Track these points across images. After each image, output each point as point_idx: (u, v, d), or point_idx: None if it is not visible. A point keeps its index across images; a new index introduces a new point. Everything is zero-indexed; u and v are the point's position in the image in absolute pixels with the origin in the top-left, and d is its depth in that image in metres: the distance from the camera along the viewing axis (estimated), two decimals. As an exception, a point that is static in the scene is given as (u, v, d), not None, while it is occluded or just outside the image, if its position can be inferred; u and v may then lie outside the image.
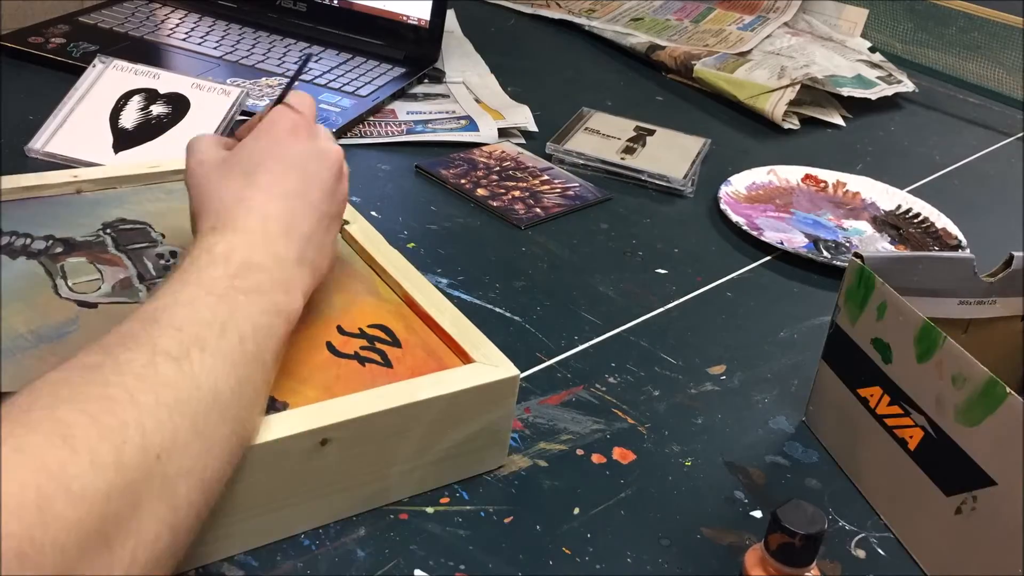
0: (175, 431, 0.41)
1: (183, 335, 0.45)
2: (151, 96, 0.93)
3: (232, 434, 0.46)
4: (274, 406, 0.54)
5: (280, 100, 0.61)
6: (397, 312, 0.64)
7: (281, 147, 0.57)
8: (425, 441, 0.56)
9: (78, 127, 0.89)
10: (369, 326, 0.62)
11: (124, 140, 0.88)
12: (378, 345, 0.60)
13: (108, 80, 0.93)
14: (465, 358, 0.59)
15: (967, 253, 0.81)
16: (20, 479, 0.35)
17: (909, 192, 1.05)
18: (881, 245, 0.95)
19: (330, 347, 0.59)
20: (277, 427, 0.51)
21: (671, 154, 1.05)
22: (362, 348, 0.60)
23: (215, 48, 1.12)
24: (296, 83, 0.63)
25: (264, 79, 1.06)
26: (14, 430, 0.37)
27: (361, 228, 0.71)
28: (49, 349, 0.56)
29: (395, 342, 0.61)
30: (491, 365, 0.58)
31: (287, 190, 0.55)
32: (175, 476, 0.41)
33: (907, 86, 1.34)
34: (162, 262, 0.65)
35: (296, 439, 0.51)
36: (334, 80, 1.08)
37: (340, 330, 0.61)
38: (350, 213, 0.73)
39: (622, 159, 1.02)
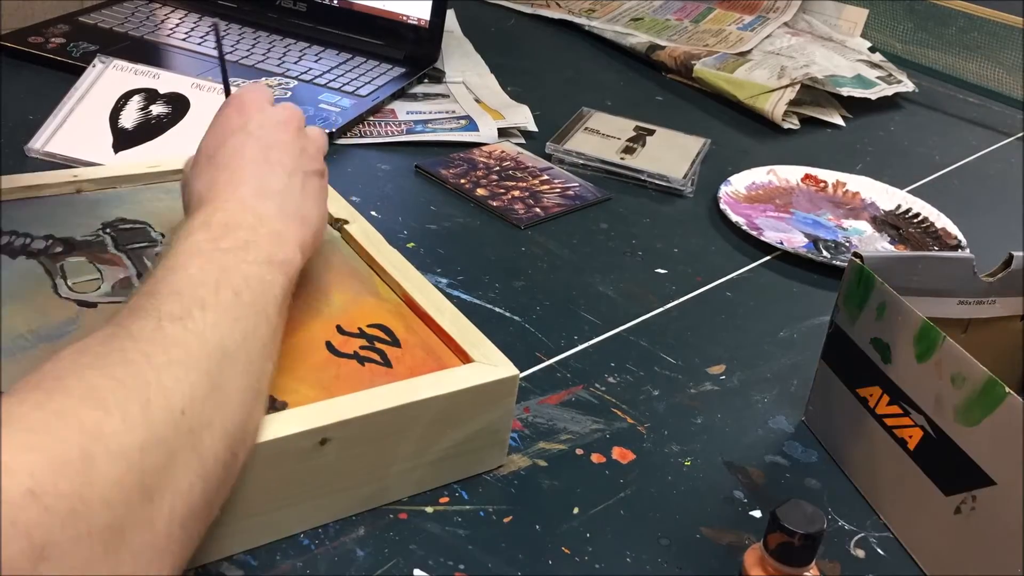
0: (192, 386, 0.44)
1: (182, 298, 0.47)
2: (151, 96, 0.93)
3: (247, 387, 0.48)
4: (273, 405, 0.54)
5: (227, 91, 0.64)
6: (397, 312, 0.64)
7: (230, 124, 0.61)
8: (424, 441, 0.56)
9: (78, 127, 0.89)
10: (369, 326, 0.62)
11: (124, 140, 0.88)
12: (377, 345, 0.60)
13: (108, 80, 0.93)
14: (464, 358, 0.59)
15: (967, 253, 0.81)
16: (63, 439, 0.37)
17: (909, 192, 1.05)
18: (881, 245, 0.95)
19: (329, 347, 0.59)
20: (276, 426, 0.51)
21: (671, 154, 1.05)
22: (362, 348, 0.60)
23: (215, 48, 1.12)
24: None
25: (264, 79, 1.06)
26: (51, 396, 0.39)
27: (361, 228, 0.71)
28: (49, 348, 0.56)
29: (394, 342, 0.61)
30: (490, 365, 0.58)
31: (247, 158, 0.58)
32: (199, 429, 0.43)
33: (907, 86, 1.34)
34: None
35: (295, 438, 0.51)
36: (334, 80, 1.08)
37: (340, 330, 0.61)
38: (349, 213, 0.73)
39: (622, 159, 1.02)
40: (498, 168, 0.98)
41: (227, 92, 0.63)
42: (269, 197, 0.57)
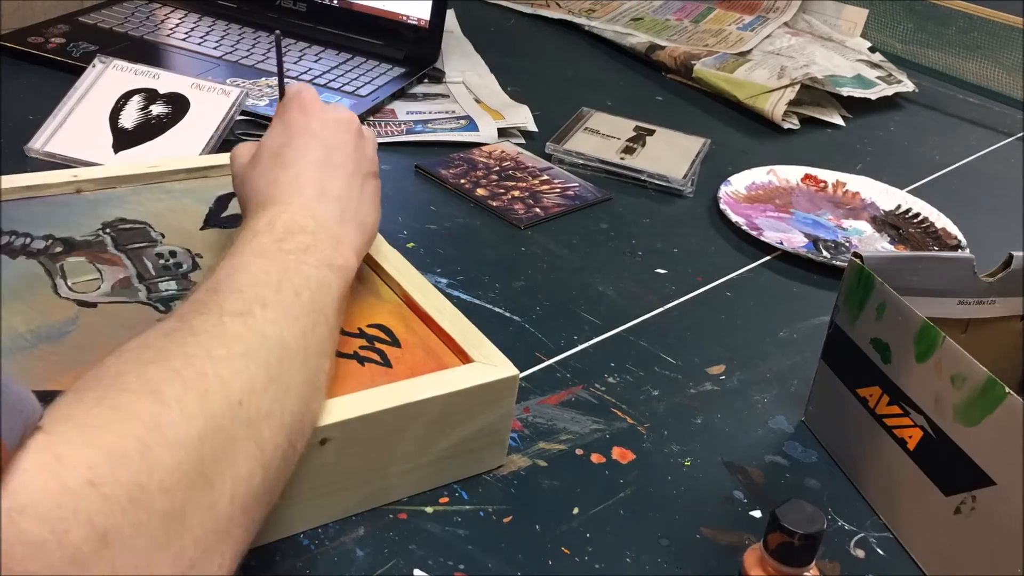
0: (252, 378, 0.45)
1: (244, 295, 0.49)
2: (151, 96, 0.93)
3: (305, 380, 0.49)
4: None
5: (282, 92, 0.65)
6: (397, 312, 0.64)
7: (297, 124, 0.61)
8: (424, 441, 0.56)
9: (78, 127, 0.89)
10: (368, 326, 0.62)
11: (124, 140, 0.88)
12: (377, 345, 0.60)
13: (108, 80, 0.93)
14: (464, 358, 0.59)
15: (967, 253, 0.81)
16: (120, 433, 0.38)
17: (909, 192, 1.05)
18: (881, 245, 0.95)
19: None
20: None
21: (671, 154, 1.05)
22: (361, 348, 0.60)
23: (215, 48, 1.12)
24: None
25: (264, 79, 1.06)
26: (108, 392, 0.41)
27: None
28: (49, 348, 0.56)
29: (394, 342, 0.61)
30: (490, 365, 0.58)
31: (311, 159, 0.60)
32: (258, 419, 0.45)
33: (907, 86, 1.34)
34: (161, 261, 0.65)
35: None
36: (334, 80, 1.08)
37: (340, 330, 0.61)
38: None
39: (622, 159, 1.02)
40: (498, 168, 0.98)
41: (282, 93, 0.65)
42: (330, 201, 0.58)
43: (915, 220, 0.99)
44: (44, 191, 0.70)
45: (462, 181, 0.94)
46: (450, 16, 1.34)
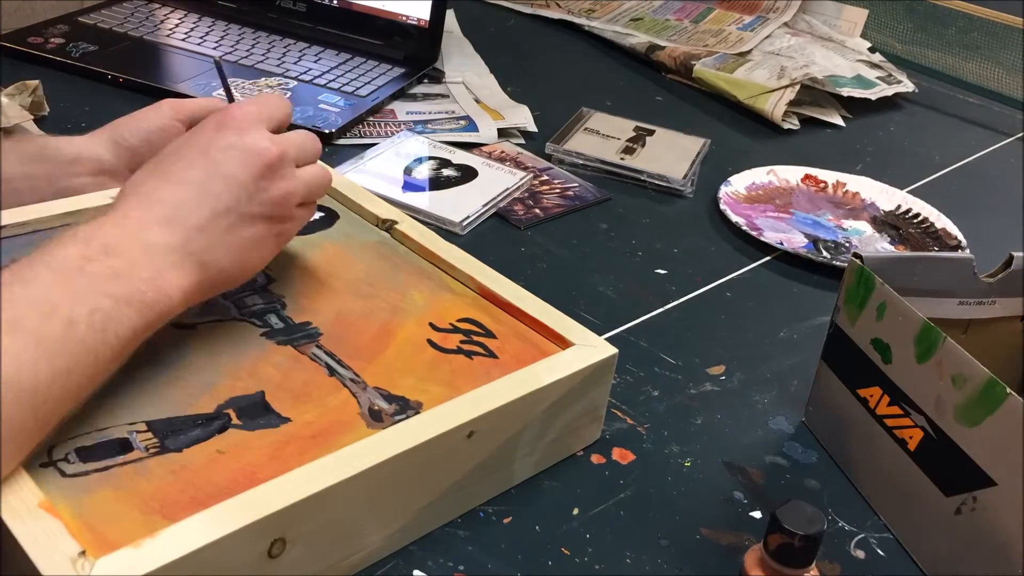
0: None
1: (6, 314, 0.43)
2: (444, 163, 0.96)
3: (20, 430, 0.43)
4: (409, 405, 0.55)
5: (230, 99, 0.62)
6: (476, 304, 0.65)
7: (200, 139, 0.54)
8: (543, 424, 0.58)
9: (375, 169, 0.93)
10: (459, 320, 0.63)
11: (413, 186, 0.91)
12: (475, 338, 0.62)
13: (409, 144, 0.98)
14: (560, 341, 0.61)
15: (967, 253, 0.81)
16: None
17: (909, 192, 1.05)
18: (881, 245, 0.95)
19: (432, 344, 0.61)
20: (429, 426, 0.52)
21: (671, 154, 1.05)
22: (462, 342, 0.61)
23: (215, 48, 1.12)
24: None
25: (264, 79, 1.06)
26: None
27: (411, 226, 0.72)
28: (174, 375, 0.55)
29: (488, 333, 0.62)
30: (591, 346, 0.60)
31: (185, 178, 0.53)
32: None
33: (907, 86, 1.34)
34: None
35: (448, 435, 0.52)
36: (333, 80, 1.08)
37: (433, 327, 0.62)
38: (395, 213, 0.73)
39: (622, 159, 1.02)
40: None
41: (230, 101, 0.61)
42: (176, 229, 0.51)
43: (915, 220, 0.99)
44: (83, 216, 0.68)
45: (462, 181, 0.94)
46: (450, 16, 1.34)
